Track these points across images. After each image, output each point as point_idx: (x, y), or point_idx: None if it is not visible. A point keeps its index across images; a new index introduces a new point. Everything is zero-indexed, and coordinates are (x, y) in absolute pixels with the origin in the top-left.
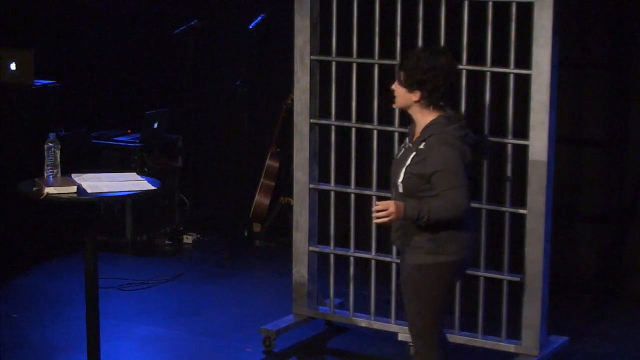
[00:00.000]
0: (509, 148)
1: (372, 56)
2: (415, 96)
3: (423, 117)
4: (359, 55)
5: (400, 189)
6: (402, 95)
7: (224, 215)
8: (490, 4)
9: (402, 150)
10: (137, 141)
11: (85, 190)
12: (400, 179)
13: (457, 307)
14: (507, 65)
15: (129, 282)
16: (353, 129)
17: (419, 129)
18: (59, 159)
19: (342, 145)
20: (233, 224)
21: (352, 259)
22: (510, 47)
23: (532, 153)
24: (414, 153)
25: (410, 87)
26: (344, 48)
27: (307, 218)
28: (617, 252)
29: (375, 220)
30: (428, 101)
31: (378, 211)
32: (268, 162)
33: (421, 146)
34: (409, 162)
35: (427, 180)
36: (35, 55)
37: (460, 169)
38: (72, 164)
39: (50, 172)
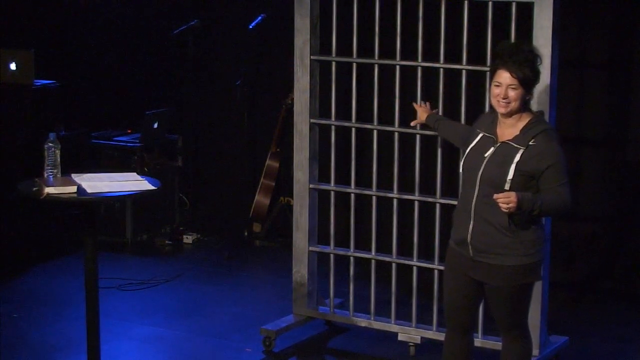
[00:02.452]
0: None
1: (372, 56)
2: (529, 95)
3: (521, 117)
4: (359, 55)
5: (507, 186)
6: (521, 97)
7: (224, 215)
8: (490, 4)
9: (493, 149)
10: (137, 141)
11: (85, 190)
12: (510, 176)
13: None
14: None
15: (129, 282)
16: (353, 129)
17: (510, 129)
18: (59, 159)
19: (342, 145)
20: (233, 224)
21: (352, 259)
22: None
23: None
24: (521, 150)
25: (531, 86)
26: (344, 48)
27: (307, 218)
28: (617, 252)
29: (504, 208)
30: (529, 99)
31: (502, 202)
32: (268, 162)
33: (531, 143)
34: (517, 159)
35: (536, 177)
36: (35, 55)
37: (567, 166)
38: (72, 164)
39: (50, 172)
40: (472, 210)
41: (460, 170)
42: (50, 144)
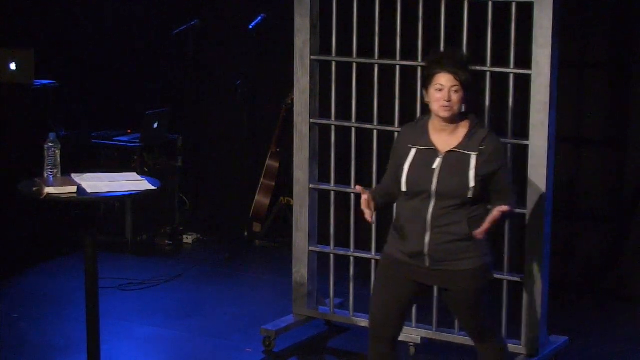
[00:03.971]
0: (509, 148)
1: (372, 56)
2: (465, 97)
3: (461, 120)
4: (359, 55)
5: (470, 194)
6: (462, 100)
7: (224, 215)
8: (490, 4)
9: (439, 160)
10: (137, 141)
11: (85, 190)
12: (473, 184)
13: None
14: (507, 65)
15: (129, 282)
16: (353, 129)
17: (450, 136)
18: (59, 159)
19: (342, 145)
20: (233, 224)
21: (352, 259)
22: (510, 47)
23: (532, 153)
24: (475, 155)
25: (469, 90)
26: (344, 48)
27: (307, 218)
28: (617, 252)
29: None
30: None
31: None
32: (268, 162)
33: (481, 146)
34: (474, 164)
35: (488, 179)
36: (35, 55)
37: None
38: (72, 164)
39: (50, 172)
40: (428, 222)
41: (404, 188)
42: (50, 144)
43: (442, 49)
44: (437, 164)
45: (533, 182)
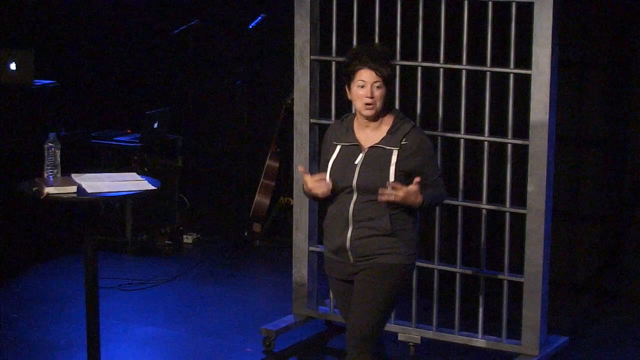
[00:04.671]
0: (509, 148)
1: None
2: (388, 92)
3: (384, 119)
4: None
5: (390, 189)
6: (384, 96)
7: (224, 215)
8: (490, 4)
9: (362, 155)
10: (137, 141)
11: (85, 190)
12: (392, 178)
13: (456, 307)
14: (507, 65)
15: (129, 282)
16: None
17: (374, 132)
18: (59, 159)
19: None
20: (233, 224)
21: None
22: (510, 47)
23: (532, 153)
24: (396, 150)
25: (389, 85)
26: (344, 48)
27: (307, 218)
28: (617, 252)
29: (383, 198)
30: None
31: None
32: (268, 162)
33: (404, 142)
34: (395, 159)
35: (414, 174)
36: (35, 55)
37: (436, 159)
38: (72, 164)
39: (50, 172)
40: (350, 217)
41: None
42: (50, 144)
43: (357, 43)
44: (359, 159)
45: (533, 182)
